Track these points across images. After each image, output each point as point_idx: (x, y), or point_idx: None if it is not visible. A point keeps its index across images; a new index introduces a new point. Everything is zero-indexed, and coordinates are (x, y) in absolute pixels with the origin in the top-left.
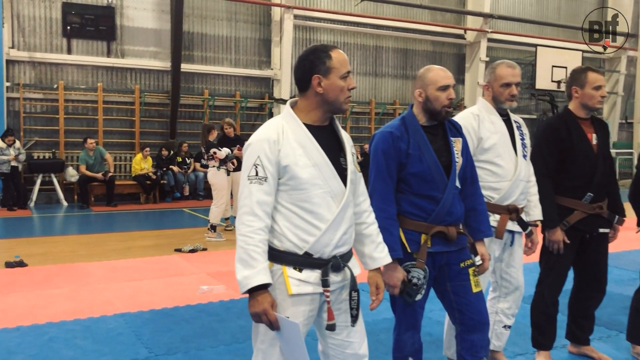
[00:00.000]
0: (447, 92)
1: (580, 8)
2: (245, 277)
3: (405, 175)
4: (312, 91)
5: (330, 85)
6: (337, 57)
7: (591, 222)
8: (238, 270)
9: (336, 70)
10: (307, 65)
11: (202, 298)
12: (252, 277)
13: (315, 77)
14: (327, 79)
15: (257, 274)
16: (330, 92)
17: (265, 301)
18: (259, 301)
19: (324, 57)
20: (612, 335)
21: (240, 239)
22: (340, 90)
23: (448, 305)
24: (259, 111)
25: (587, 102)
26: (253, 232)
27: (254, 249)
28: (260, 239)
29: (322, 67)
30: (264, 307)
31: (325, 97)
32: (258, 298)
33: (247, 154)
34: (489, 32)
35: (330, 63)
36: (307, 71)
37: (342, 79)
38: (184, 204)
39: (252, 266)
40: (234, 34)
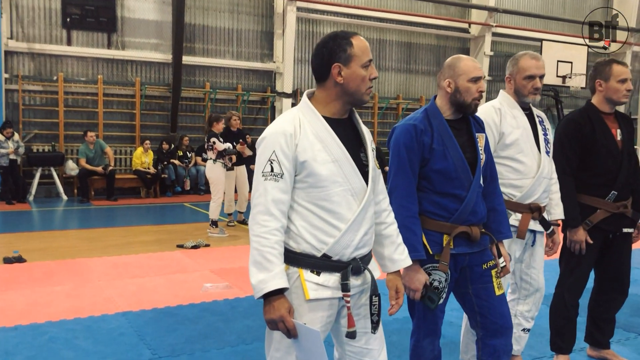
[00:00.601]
0: (478, 85)
1: (586, 3)
2: (260, 281)
3: (427, 172)
4: (332, 81)
5: (351, 75)
6: (359, 44)
7: (615, 222)
8: (252, 274)
9: (357, 59)
10: (326, 53)
11: (206, 296)
12: (268, 281)
13: (335, 65)
14: (348, 68)
15: (273, 277)
16: (351, 82)
17: (282, 307)
18: (275, 307)
19: (345, 44)
20: (630, 337)
21: (254, 240)
22: (361, 80)
23: (469, 308)
24: (261, 105)
25: (611, 95)
26: (268, 232)
27: (270, 250)
28: (276, 240)
29: (343, 55)
30: (280, 314)
31: (346, 88)
32: (274, 304)
33: (262, 148)
34: (494, 26)
35: (351, 50)
36: (326, 59)
37: (363, 68)
38: (185, 199)
39: (267, 269)
40: (236, 26)
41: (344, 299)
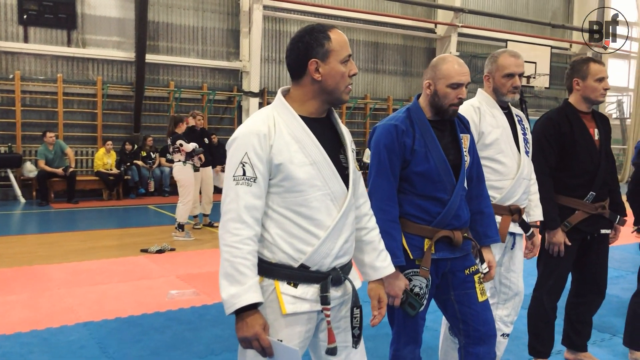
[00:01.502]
0: (458, 91)
1: (548, 4)
2: (232, 296)
3: (408, 174)
4: (309, 78)
5: (329, 71)
6: (337, 38)
7: (593, 223)
8: (223, 288)
9: (336, 54)
10: (302, 48)
11: (172, 304)
12: (240, 296)
13: (313, 61)
14: (326, 64)
15: (246, 291)
16: (329, 78)
17: (256, 324)
18: (249, 324)
19: (322, 38)
20: (605, 338)
21: (225, 251)
22: (341, 76)
23: (451, 315)
24: (227, 104)
25: (589, 94)
26: (240, 242)
27: (242, 261)
28: (249, 250)
29: (320, 49)
30: (255, 331)
31: (324, 85)
32: (247, 320)
33: (233, 149)
34: (460, 27)
35: (329, 45)
36: (302, 55)
37: (342, 64)
38: (149, 201)
39: (240, 282)
40: (201, 24)
41: (323, 313)
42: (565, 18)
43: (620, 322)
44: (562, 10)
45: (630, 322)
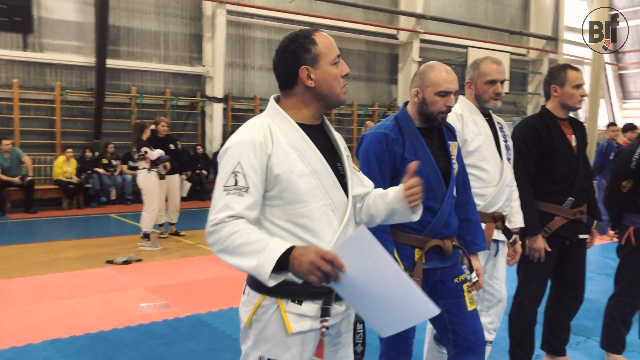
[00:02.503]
0: (446, 99)
1: (506, 11)
2: (256, 266)
3: (399, 183)
4: (302, 86)
5: (322, 75)
6: (323, 40)
7: (572, 228)
8: (243, 264)
9: (325, 56)
10: (290, 57)
11: (143, 318)
12: (268, 254)
13: (303, 68)
14: (317, 69)
15: (270, 248)
16: (323, 83)
17: (304, 252)
18: (298, 259)
19: (308, 43)
20: (580, 341)
21: (221, 245)
22: (334, 78)
23: (440, 325)
24: (191, 110)
25: (567, 101)
26: (234, 224)
27: (247, 235)
28: (247, 225)
29: (308, 55)
30: (310, 259)
31: (319, 90)
32: (295, 258)
33: (225, 159)
34: (421, 33)
35: (316, 49)
36: (291, 64)
37: (333, 65)
38: (111, 209)
39: (258, 249)
40: (163, 28)
41: (320, 324)
42: (523, 25)
43: (592, 324)
44: (520, 18)
45: (607, 324)
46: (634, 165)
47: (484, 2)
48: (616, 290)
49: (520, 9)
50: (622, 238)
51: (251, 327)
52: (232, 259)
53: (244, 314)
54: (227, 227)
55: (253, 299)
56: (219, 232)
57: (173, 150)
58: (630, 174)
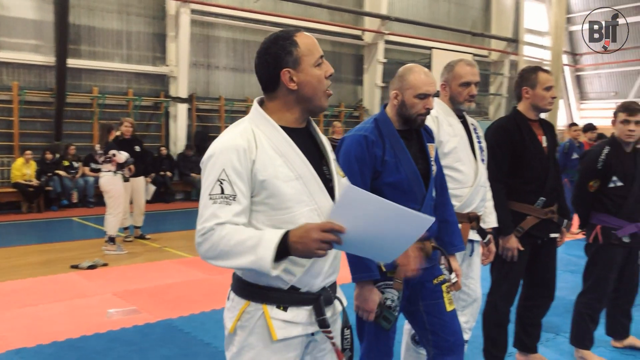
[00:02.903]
0: (426, 101)
1: (468, 13)
2: (259, 257)
3: (379, 186)
4: (284, 89)
5: (304, 78)
6: (305, 41)
7: (543, 228)
8: (241, 262)
9: (307, 58)
10: (271, 60)
11: (112, 324)
12: (265, 244)
13: (285, 71)
14: (299, 71)
15: (267, 238)
16: (306, 85)
17: (305, 233)
18: (301, 241)
19: (289, 45)
20: (550, 338)
21: (214, 248)
22: (317, 80)
23: (420, 326)
24: (154, 110)
25: (538, 103)
26: (222, 229)
27: (237, 234)
28: (235, 227)
29: (290, 57)
30: (313, 237)
31: (302, 93)
32: (297, 242)
33: (209, 166)
34: (386, 34)
35: (298, 51)
36: (272, 67)
37: (317, 67)
38: (73, 213)
39: (253, 244)
40: (125, 27)
41: (325, 335)
42: (484, 27)
43: (560, 320)
44: (481, 20)
45: (576, 321)
46: (601, 165)
47: (446, 4)
48: (584, 288)
49: (481, 11)
50: (590, 236)
51: (236, 333)
52: (229, 261)
53: (228, 320)
54: (216, 233)
55: (238, 304)
56: (209, 240)
57: (138, 152)
58: (597, 174)
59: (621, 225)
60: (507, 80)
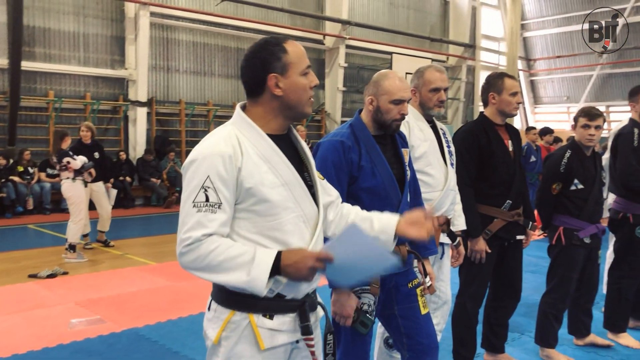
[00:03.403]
0: (401, 107)
1: (426, 19)
2: (253, 277)
3: (355, 191)
4: (268, 94)
5: (290, 85)
6: (294, 49)
7: (510, 230)
8: (230, 280)
9: (295, 66)
10: (259, 64)
11: (75, 334)
12: (258, 265)
13: (272, 76)
14: (286, 78)
15: (260, 259)
16: (291, 93)
17: (300, 259)
18: (295, 266)
19: (278, 51)
20: (515, 338)
21: (200, 261)
22: (302, 89)
23: (395, 330)
24: (113, 114)
25: (504, 108)
26: (211, 241)
27: (227, 250)
28: (224, 240)
29: (278, 63)
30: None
31: (286, 100)
32: (290, 266)
33: (191, 172)
34: (347, 39)
35: (286, 58)
36: (259, 71)
37: (303, 76)
38: (29, 220)
39: (245, 262)
40: (82, 29)
41: (306, 343)
42: (442, 32)
43: (524, 320)
44: (439, 25)
45: (541, 320)
46: (563, 169)
47: (405, 10)
48: (548, 288)
49: (439, 17)
50: (553, 238)
51: (220, 344)
52: (215, 276)
53: (211, 330)
54: (204, 245)
55: (221, 314)
56: (195, 251)
57: (98, 159)
58: (559, 177)
59: (582, 227)
60: (464, 85)
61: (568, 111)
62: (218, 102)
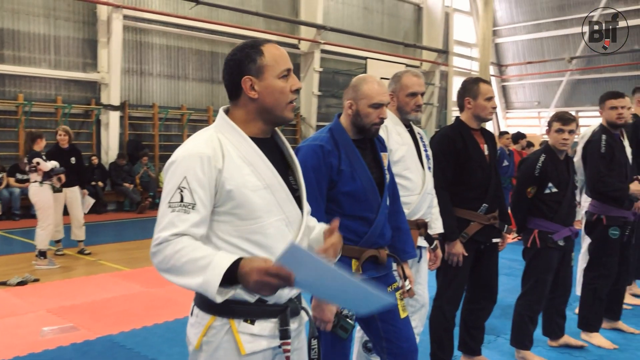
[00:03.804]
0: (379, 111)
1: (400, 24)
2: (205, 281)
3: (335, 195)
4: (245, 97)
5: (266, 88)
6: (272, 51)
7: (486, 233)
8: (189, 283)
9: (271, 69)
10: (234, 66)
11: (48, 343)
12: (213, 269)
13: (246, 78)
14: (261, 80)
15: (216, 263)
16: (267, 96)
17: (254, 265)
18: (245, 277)
19: (254, 53)
20: (491, 340)
21: (166, 261)
22: (279, 92)
23: (374, 334)
24: (85, 118)
25: (479, 113)
26: (178, 242)
27: (192, 252)
28: (191, 241)
29: (253, 66)
30: (254, 279)
31: (262, 103)
32: (242, 276)
33: (170, 173)
34: (322, 43)
35: (262, 60)
36: (234, 73)
37: (281, 79)
38: None
39: (203, 266)
40: (53, 32)
41: (282, 348)
42: (416, 38)
43: (500, 322)
44: (413, 31)
45: (516, 322)
46: (537, 172)
47: (380, 15)
48: (524, 290)
49: (413, 22)
50: (528, 241)
51: (201, 349)
52: (178, 278)
53: (193, 336)
54: (171, 246)
55: (203, 320)
56: (162, 252)
57: (74, 164)
58: (534, 180)
59: (557, 230)
60: (437, 90)
61: (539, 116)
62: (192, 106)
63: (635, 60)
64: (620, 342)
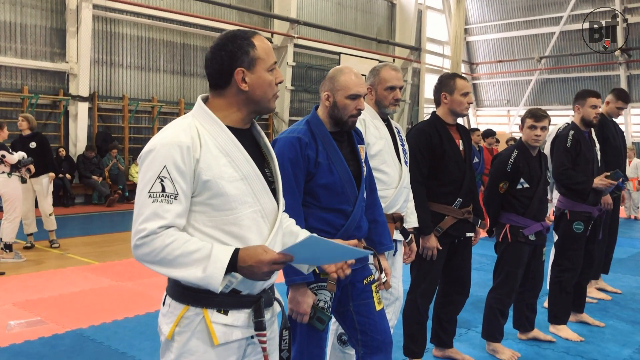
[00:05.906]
0: (357, 102)
1: (374, 21)
2: (208, 274)
3: (312, 187)
4: (234, 88)
5: (257, 80)
6: (262, 45)
7: (460, 227)
8: (186, 275)
9: (262, 62)
10: (226, 57)
11: (14, 337)
12: (215, 263)
13: (239, 70)
14: (253, 73)
15: (216, 256)
16: (257, 88)
17: (253, 259)
18: (251, 269)
19: (247, 45)
20: (462, 333)
21: (155, 254)
22: (268, 85)
23: (349, 326)
24: (52, 109)
25: (455, 108)
26: (167, 235)
27: (184, 245)
28: (181, 234)
29: (246, 58)
30: (264, 270)
31: (251, 95)
32: (246, 268)
33: (148, 162)
34: (295, 38)
35: (254, 53)
36: (226, 64)
37: (269, 72)
38: None
39: (201, 258)
40: (19, 20)
41: (257, 339)
42: (389, 34)
43: (471, 316)
44: (386, 27)
45: (487, 316)
46: (510, 168)
47: (353, 11)
48: (495, 284)
49: (386, 19)
50: (500, 235)
51: (173, 339)
52: (171, 271)
53: (165, 325)
54: (160, 238)
55: (175, 310)
56: (150, 245)
57: (34, 148)
58: (506, 176)
59: (528, 224)
60: (409, 87)
61: (508, 114)
62: (163, 98)
63: (602, 61)
64: (585, 334)
